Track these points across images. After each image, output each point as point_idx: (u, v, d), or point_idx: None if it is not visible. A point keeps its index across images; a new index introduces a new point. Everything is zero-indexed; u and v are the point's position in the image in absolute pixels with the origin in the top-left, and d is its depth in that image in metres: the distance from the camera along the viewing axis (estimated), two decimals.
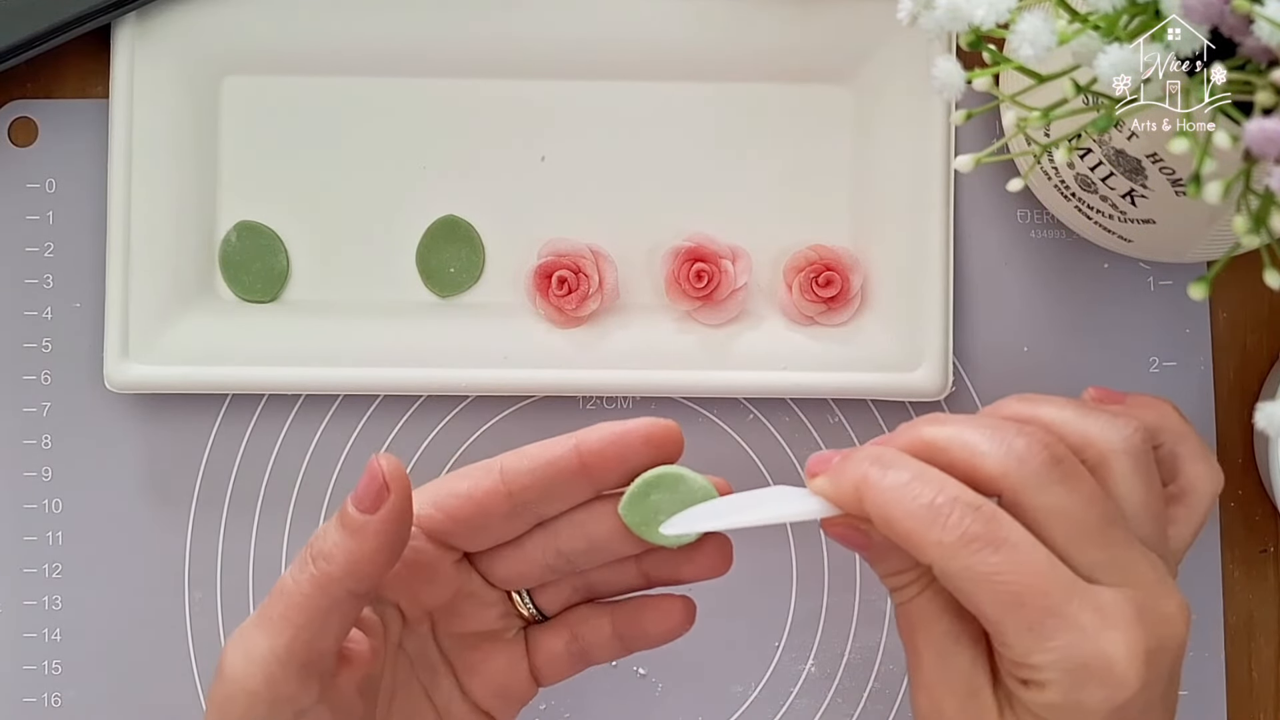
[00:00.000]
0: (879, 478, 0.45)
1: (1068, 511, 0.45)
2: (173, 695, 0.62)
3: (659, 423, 0.49)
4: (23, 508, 0.62)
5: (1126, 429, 0.47)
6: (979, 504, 0.44)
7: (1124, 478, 0.47)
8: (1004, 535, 0.44)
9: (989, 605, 0.44)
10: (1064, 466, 0.45)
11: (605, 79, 0.62)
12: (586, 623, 0.52)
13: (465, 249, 0.62)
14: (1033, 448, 0.45)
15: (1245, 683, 0.62)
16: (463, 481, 0.49)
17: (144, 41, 0.61)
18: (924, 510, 0.44)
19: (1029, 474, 0.45)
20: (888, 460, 0.46)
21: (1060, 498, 0.45)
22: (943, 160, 0.61)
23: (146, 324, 0.61)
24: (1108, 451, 0.47)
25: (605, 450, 0.49)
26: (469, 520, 0.49)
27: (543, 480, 0.49)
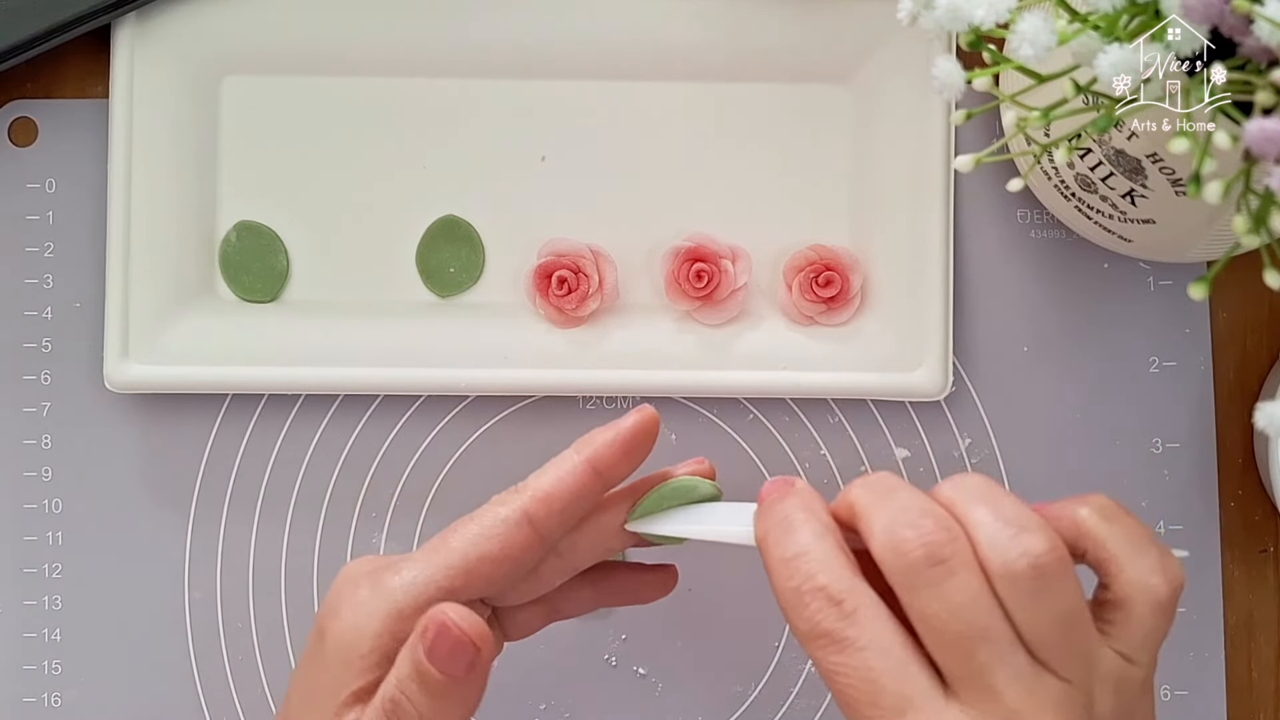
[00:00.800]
0: (774, 542, 0.46)
1: (932, 617, 0.44)
2: (173, 695, 0.62)
3: (644, 411, 0.50)
4: (23, 508, 0.62)
5: (1027, 547, 0.44)
6: (841, 598, 0.44)
7: (1013, 601, 0.44)
8: (852, 637, 0.44)
9: (835, 697, 0.44)
10: (942, 568, 0.44)
11: (605, 79, 0.62)
12: (567, 597, 0.54)
13: (465, 249, 0.62)
14: (910, 542, 0.44)
15: (1245, 683, 0.62)
16: (492, 543, 0.49)
17: (144, 41, 0.61)
18: (789, 594, 0.45)
19: (902, 569, 0.44)
20: (790, 524, 0.46)
21: (928, 602, 0.44)
22: (943, 160, 0.61)
23: (146, 324, 0.61)
24: (997, 566, 0.44)
25: (615, 456, 0.50)
26: (507, 579, 0.50)
27: (572, 515, 0.50)
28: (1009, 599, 0.44)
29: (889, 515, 0.45)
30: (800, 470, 0.62)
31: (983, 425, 0.62)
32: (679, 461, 0.60)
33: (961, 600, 0.44)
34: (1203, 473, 0.62)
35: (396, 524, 0.63)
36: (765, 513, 0.47)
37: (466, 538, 0.49)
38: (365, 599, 0.48)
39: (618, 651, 0.62)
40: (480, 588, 0.49)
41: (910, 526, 0.44)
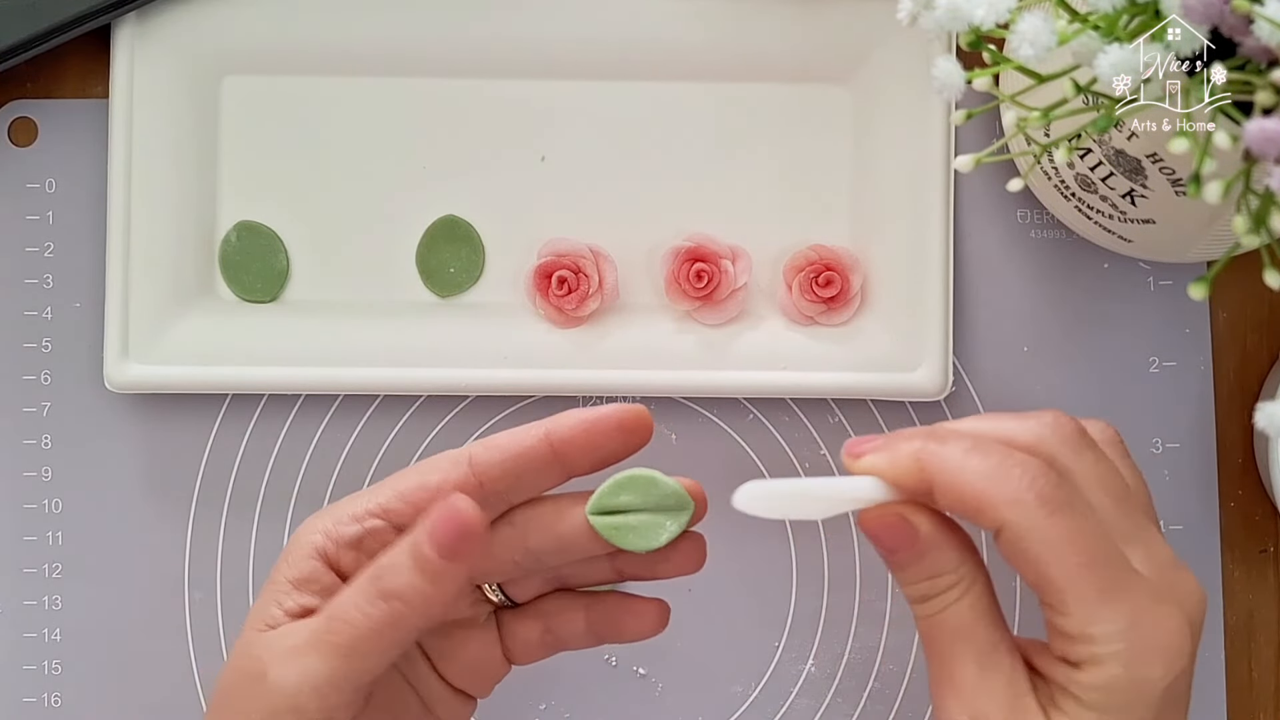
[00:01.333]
0: (939, 447, 0.45)
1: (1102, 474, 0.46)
2: (173, 695, 0.62)
3: (630, 408, 0.48)
4: (23, 508, 0.62)
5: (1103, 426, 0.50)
6: (1049, 466, 0.45)
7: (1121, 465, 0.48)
8: (1074, 499, 0.44)
9: (1058, 568, 0.43)
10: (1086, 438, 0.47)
11: (605, 79, 0.62)
12: (560, 615, 0.52)
13: (465, 249, 0.62)
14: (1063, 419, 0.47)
15: (1245, 683, 0.62)
16: (432, 474, 0.48)
17: (144, 41, 0.61)
18: (996, 469, 0.44)
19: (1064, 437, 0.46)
20: (942, 431, 0.46)
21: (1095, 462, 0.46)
22: (943, 160, 0.61)
23: (146, 324, 0.61)
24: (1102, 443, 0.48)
25: (577, 439, 0.48)
26: None
27: (514, 471, 0.48)
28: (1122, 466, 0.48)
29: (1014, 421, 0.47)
30: (800, 470, 0.62)
31: None
32: (678, 461, 0.60)
33: (1105, 463, 0.47)
34: (1203, 473, 0.62)
35: None
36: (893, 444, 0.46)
37: (408, 471, 0.49)
38: (311, 521, 0.49)
39: (618, 651, 0.62)
40: (414, 516, 0.48)
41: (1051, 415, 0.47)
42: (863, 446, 0.47)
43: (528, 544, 0.50)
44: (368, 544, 0.48)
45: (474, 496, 0.47)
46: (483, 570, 0.51)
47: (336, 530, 0.49)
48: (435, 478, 0.48)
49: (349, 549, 0.49)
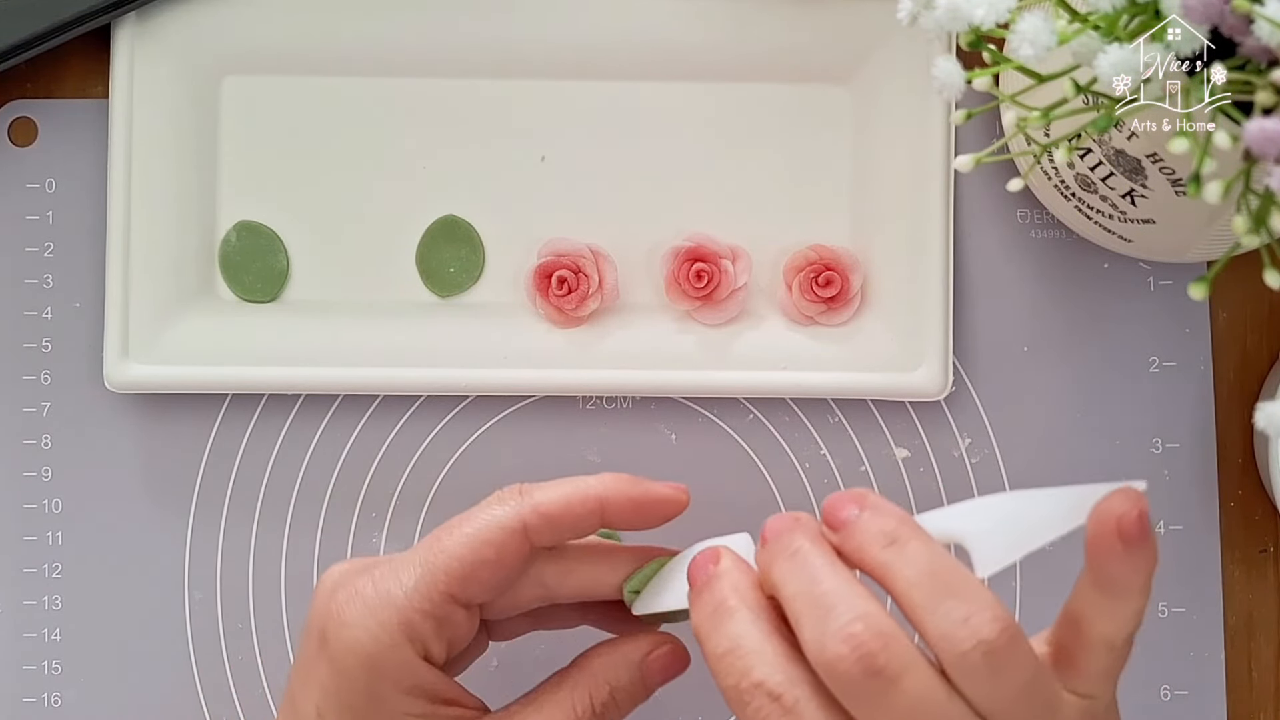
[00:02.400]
0: (706, 635, 0.45)
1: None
2: (173, 695, 0.62)
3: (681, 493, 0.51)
4: (23, 508, 0.62)
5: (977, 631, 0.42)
6: (780, 693, 0.43)
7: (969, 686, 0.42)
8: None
9: None
10: (881, 678, 0.42)
11: (605, 79, 0.62)
12: (553, 616, 0.54)
13: (465, 249, 0.62)
14: (845, 659, 0.42)
15: (1245, 683, 0.62)
16: (489, 548, 0.49)
17: (144, 41, 0.61)
18: (730, 692, 0.44)
19: (841, 686, 0.42)
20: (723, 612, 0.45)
21: (872, 715, 0.42)
22: (943, 160, 0.61)
23: (146, 324, 0.61)
24: (948, 657, 0.42)
25: (626, 515, 0.50)
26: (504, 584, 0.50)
27: (565, 537, 0.50)
28: (965, 685, 0.42)
29: (816, 622, 0.43)
30: (800, 471, 0.62)
31: (983, 425, 0.62)
32: (679, 461, 0.61)
33: (909, 706, 0.42)
34: (1203, 473, 0.62)
35: (396, 524, 0.63)
36: (697, 601, 0.46)
37: (463, 541, 0.49)
38: (374, 607, 0.48)
39: None
40: (478, 593, 0.49)
41: (841, 637, 0.42)
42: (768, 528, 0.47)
43: (558, 598, 0.51)
44: (442, 630, 0.49)
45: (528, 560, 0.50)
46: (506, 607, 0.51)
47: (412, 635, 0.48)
48: (493, 553, 0.48)
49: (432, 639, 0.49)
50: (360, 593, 0.48)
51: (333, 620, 0.48)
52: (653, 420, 0.62)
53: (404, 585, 0.48)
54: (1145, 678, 0.61)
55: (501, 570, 0.49)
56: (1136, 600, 0.44)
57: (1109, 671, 0.45)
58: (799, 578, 0.44)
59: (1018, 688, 0.42)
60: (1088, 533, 0.44)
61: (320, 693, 0.49)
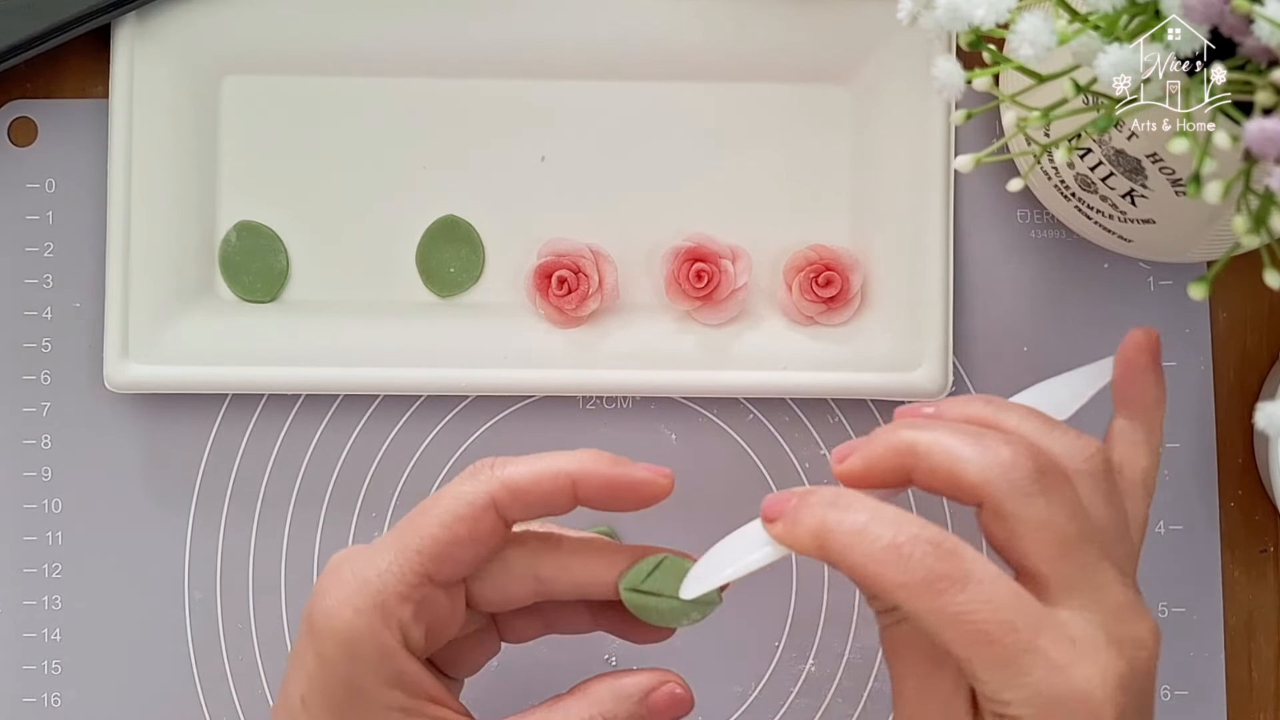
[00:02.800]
0: (836, 522, 0.45)
1: (1050, 524, 0.45)
2: (173, 695, 0.62)
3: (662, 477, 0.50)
4: (23, 508, 0.62)
5: (1088, 449, 0.48)
6: (940, 539, 0.44)
7: (1088, 498, 0.47)
8: (968, 571, 0.44)
9: (958, 644, 0.43)
10: (1047, 479, 0.45)
11: (605, 79, 0.62)
12: (562, 614, 0.53)
13: (465, 249, 0.62)
14: (1018, 457, 0.45)
15: (1245, 683, 0.62)
16: (460, 524, 0.48)
17: (144, 41, 0.61)
18: (886, 552, 0.44)
19: (1014, 483, 0.45)
20: (843, 502, 0.46)
21: (1043, 510, 0.45)
22: (943, 160, 0.61)
23: (146, 324, 0.61)
24: (1071, 471, 0.47)
25: (600, 495, 0.49)
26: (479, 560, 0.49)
27: (535, 511, 0.49)
28: (1086, 494, 0.47)
29: (968, 442, 0.46)
30: (800, 470, 0.62)
31: None
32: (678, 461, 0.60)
33: (1071, 503, 0.45)
34: (1203, 473, 0.62)
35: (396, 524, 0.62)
36: (797, 513, 0.47)
37: (435, 520, 0.48)
38: (349, 591, 0.48)
39: (617, 651, 0.62)
40: (454, 571, 0.48)
41: (1004, 444, 0.45)
42: (775, 510, 0.47)
43: (555, 594, 0.51)
44: (421, 614, 0.48)
45: (502, 534, 0.49)
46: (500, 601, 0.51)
47: (388, 617, 0.48)
48: (464, 530, 0.48)
49: (411, 625, 0.48)
50: (340, 578, 0.48)
51: (316, 606, 0.48)
52: (653, 420, 0.62)
53: (379, 568, 0.48)
54: None
55: (475, 547, 0.48)
56: (1159, 429, 0.51)
57: (1147, 514, 0.50)
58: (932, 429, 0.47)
59: (1117, 505, 0.48)
60: (1118, 364, 0.52)
61: (306, 681, 0.48)
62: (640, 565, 0.50)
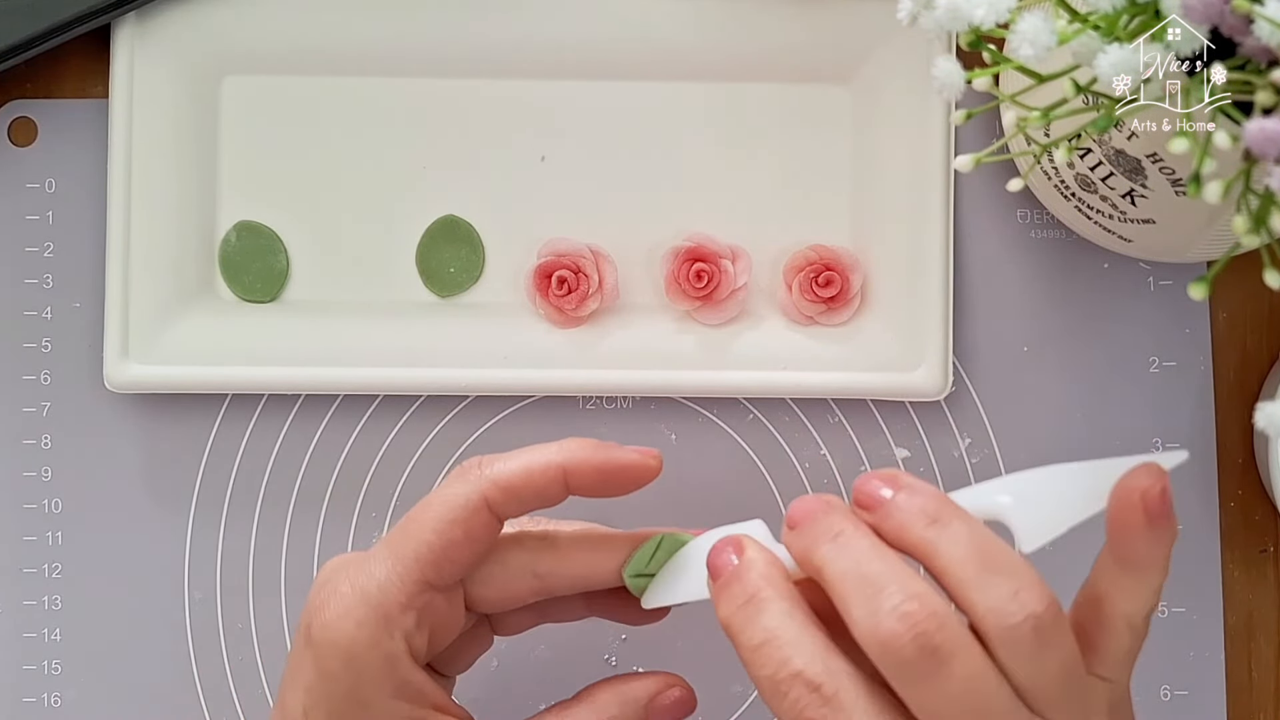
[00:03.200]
0: (739, 628, 0.44)
1: (932, 710, 0.42)
2: (173, 695, 0.62)
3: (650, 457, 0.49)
4: (23, 508, 0.62)
5: (1025, 609, 0.42)
6: (819, 682, 0.42)
7: (1014, 663, 0.42)
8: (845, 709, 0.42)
9: None
10: (936, 657, 0.42)
11: (605, 79, 0.62)
12: (557, 605, 0.53)
13: (465, 249, 0.62)
14: (900, 636, 0.42)
15: (1245, 683, 0.62)
16: (455, 528, 0.48)
17: (144, 41, 0.61)
18: (767, 682, 0.43)
19: (894, 664, 0.42)
20: (756, 603, 0.44)
21: (927, 695, 0.42)
22: (943, 160, 0.61)
23: (146, 324, 0.61)
24: (992, 632, 0.42)
25: (593, 481, 0.49)
26: (476, 561, 0.49)
27: (532, 506, 0.49)
28: (1009, 661, 0.42)
29: (867, 601, 0.42)
30: (800, 471, 0.62)
31: (983, 425, 0.62)
32: (678, 461, 0.60)
33: (962, 687, 0.42)
34: (1203, 473, 0.62)
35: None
36: (725, 594, 0.45)
37: (429, 525, 0.48)
38: (350, 604, 0.47)
39: (618, 651, 0.62)
40: (452, 573, 0.48)
41: (896, 616, 0.42)
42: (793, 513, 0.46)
43: (556, 590, 0.50)
44: (423, 620, 0.48)
45: (497, 530, 0.49)
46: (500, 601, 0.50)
47: (391, 628, 0.48)
48: (460, 532, 0.48)
49: (414, 634, 0.48)
50: (338, 590, 0.48)
51: (315, 619, 0.48)
52: (653, 420, 0.62)
53: (377, 579, 0.47)
54: (1145, 678, 0.61)
55: (473, 548, 0.48)
56: (1157, 577, 0.45)
57: (1129, 653, 0.45)
58: (845, 559, 0.44)
59: (1060, 665, 0.43)
60: (1110, 508, 0.45)
61: (306, 693, 0.48)
62: (642, 550, 0.50)
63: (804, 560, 0.45)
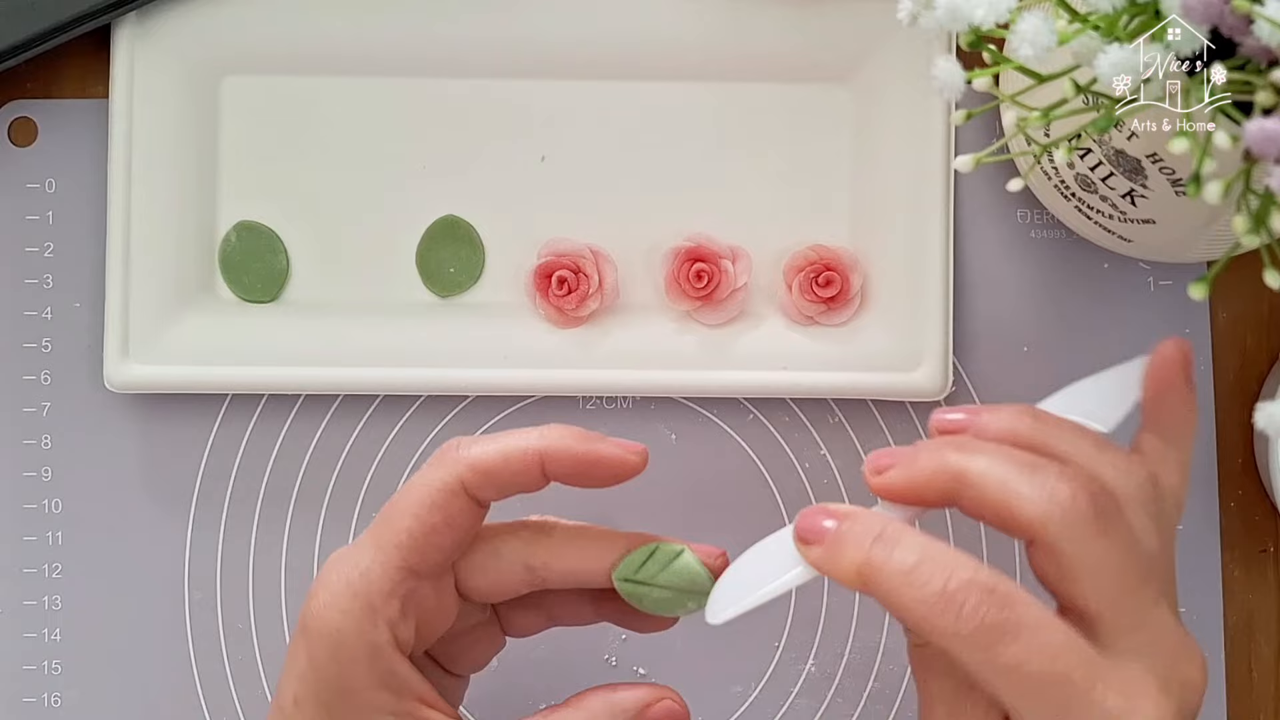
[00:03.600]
0: (883, 560, 0.43)
1: (1108, 567, 0.43)
2: (173, 695, 0.62)
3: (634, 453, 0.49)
4: (23, 508, 0.62)
5: (1140, 474, 0.46)
6: (993, 585, 0.42)
7: (1140, 528, 0.45)
8: (1020, 619, 0.42)
9: (1010, 694, 0.42)
10: (1106, 518, 0.43)
11: (605, 79, 0.62)
12: (565, 607, 0.53)
13: (465, 249, 0.62)
14: (1077, 497, 0.43)
15: (1245, 683, 0.62)
16: (434, 514, 0.48)
17: (144, 41, 0.61)
18: (937, 599, 0.42)
19: (1072, 525, 0.43)
20: (889, 536, 0.44)
21: (1102, 552, 0.43)
22: (943, 160, 0.61)
23: (146, 324, 0.61)
24: (1123, 499, 0.45)
25: (567, 471, 0.48)
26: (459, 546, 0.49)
27: (506, 490, 0.49)
28: (1140, 529, 0.45)
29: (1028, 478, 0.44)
30: (800, 471, 0.62)
31: None
32: (679, 461, 0.60)
33: (1128, 542, 0.44)
34: (1203, 473, 0.62)
35: None
36: (846, 543, 0.45)
37: (409, 512, 0.48)
38: (336, 593, 0.48)
39: (618, 651, 0.62)
40: (436, 560, 0.48)
41: (1061, 480, 0.44)
42: (812, 534, 0.46)
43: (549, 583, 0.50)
44: (409, 607, 0.48)
45: (478, 514, 0.48)
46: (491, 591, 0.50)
47: (376, 618, 0.47)
48: (440, 518, 0.48)
49: (399, 622, 0.48)
50: (327, 580, 0.48)
51: (307, 609, 0.48)
52: (653, 420, 0.62)
53: (361, 568, 0.47)
54: None
55: (453, 534, 0.48)
56: (1190, 446, 0.49)
57: (1175, 528, 0.48)
58: (982, 456, 0.45)
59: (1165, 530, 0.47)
60: (1149, 380, 0.49)
61: (298, 681, 0.48)
62: (633, 556, 0.49)
63: (935, 473, 0.45)
